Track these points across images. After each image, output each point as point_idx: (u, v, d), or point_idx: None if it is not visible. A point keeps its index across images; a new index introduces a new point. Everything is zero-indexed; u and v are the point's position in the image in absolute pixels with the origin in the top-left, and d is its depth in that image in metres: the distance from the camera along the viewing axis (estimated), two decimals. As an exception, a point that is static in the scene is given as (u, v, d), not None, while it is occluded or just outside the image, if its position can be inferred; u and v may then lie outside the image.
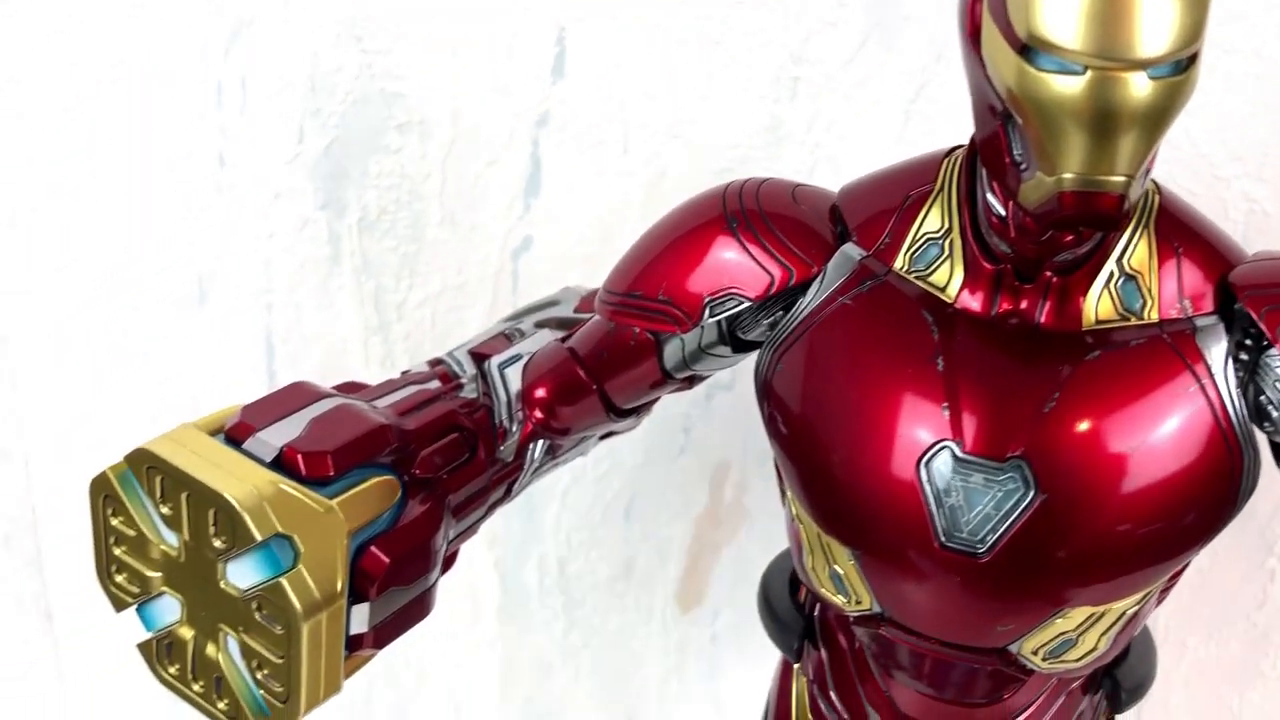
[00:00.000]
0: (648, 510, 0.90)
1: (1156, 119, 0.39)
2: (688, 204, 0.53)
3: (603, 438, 0.62)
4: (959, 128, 0.52)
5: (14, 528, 0.93)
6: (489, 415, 0.55)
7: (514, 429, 0.56)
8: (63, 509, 0.92)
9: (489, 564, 0.92)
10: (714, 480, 0.89)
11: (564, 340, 0.57)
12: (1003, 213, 0.44)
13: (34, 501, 0.92)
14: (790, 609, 0.56)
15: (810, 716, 0.55)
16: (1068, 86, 0.39)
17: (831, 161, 0.78)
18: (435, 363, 0.58)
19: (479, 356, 0.58)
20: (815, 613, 0.55)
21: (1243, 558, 0.90)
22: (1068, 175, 0.40)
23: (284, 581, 0.43)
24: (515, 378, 0.57)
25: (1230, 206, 0.78)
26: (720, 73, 0.76)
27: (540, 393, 0.55)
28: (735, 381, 0.86)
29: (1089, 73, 0.39)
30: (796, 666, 0.56)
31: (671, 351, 0.54)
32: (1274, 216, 0.79)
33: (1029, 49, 0.39)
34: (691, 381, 0.57)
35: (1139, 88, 0.39)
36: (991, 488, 0.44)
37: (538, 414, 0.55)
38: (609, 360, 0.54)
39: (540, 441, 0.57)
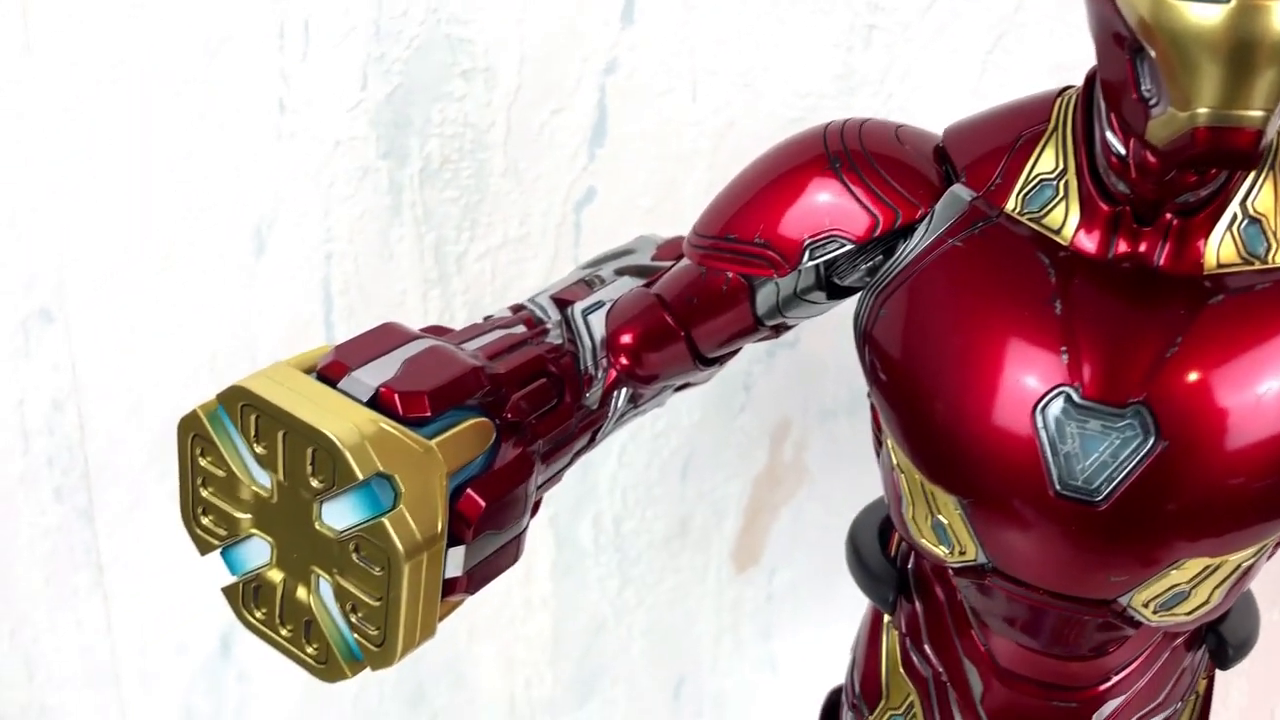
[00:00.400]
0: (705, 468, 0.89)
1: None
2: (785, 144, 0.51)
3: (678, 389, 0.61)
4: (1036, 80, 0.51)
5: (66, 479, 0.92)
6: (574, 361, 0.54)
7: (599, 375, 0.54)
8: (116, 462, 0.91)
9: (543, 521, 0.91)
10: (774, 438, 0.88)
11: (648, 286, 0.56)
12: (1123, 152, 0.43)
13: (87, 452, 0.91)
14: (882, 561, 0.55)
15: (902, 671, 0.54)
16: (1208, 15, 0.37)
17: (905, 112, 0.76)
18: (518, 308, 0.57)
19: (562, 302, 0.57)
20: (909, 565, 0.54)
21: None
22: (1202, 110, 0.38)
23: (386, 521, 0.42)
24: (599, 324, 0.56)
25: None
26: (793, 20, 0.75)
27: (626, 339, 0.54)
28: (799, 339, 0.85)
29: (1233, 1, 0.37)
30: (886, 621, 0.55)
31: (765, 297, 0.52)
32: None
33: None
34: (779, 330, 0.56)
35: (1282, 18, 0.37)
36: (1109, 435, 0.43)
37: (623, 360, 0.54)
38: (698, 306, 0.53)
39: (624, 389, 0.55)
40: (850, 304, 0.52)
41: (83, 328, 0.87)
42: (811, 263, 0.49)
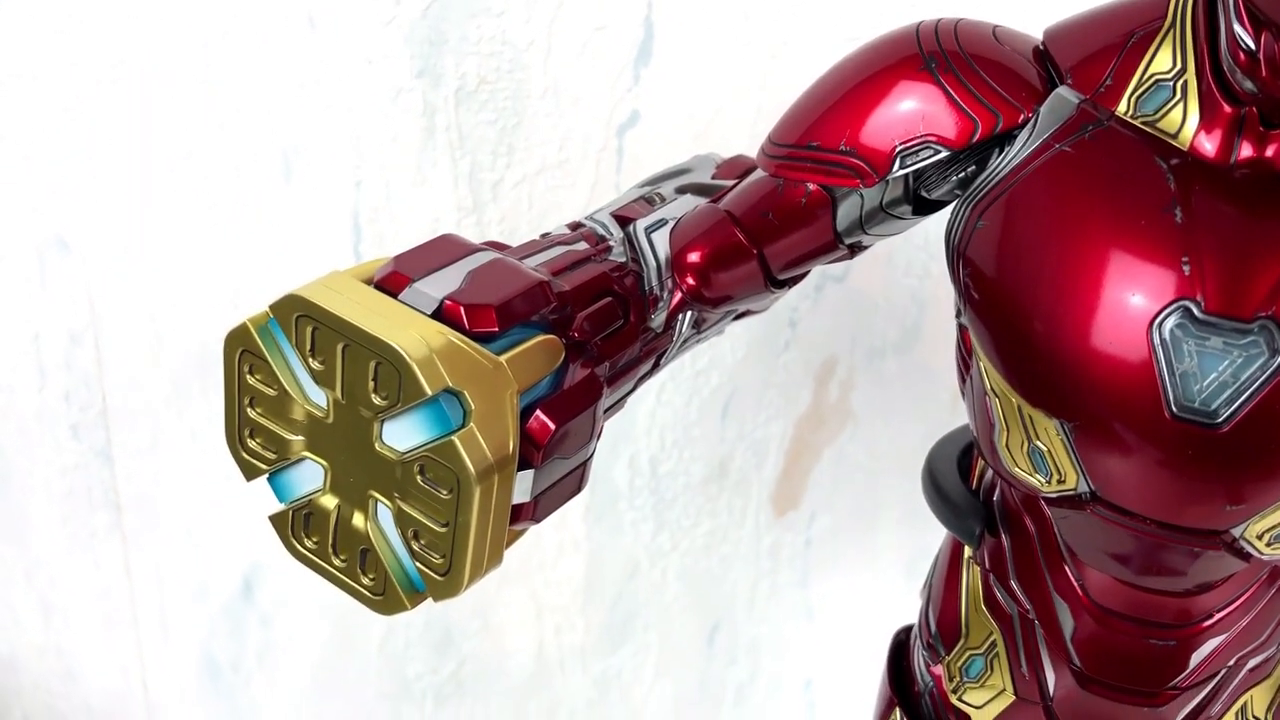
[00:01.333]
0: (746, 408, 0.86)
1: None
2: (874, 44, 0.48)
3: (737, 317, 0.58)
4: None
5: (84, 416, 0.89)
6: (639, 281, 0.51)
7: (665, 296, 0.51)
8: (135, 398, 0.88)
9: (578, 462, 0.88)
10: (819, 378, 0.85)
11: (715, 202, 0.52)
12: (1253, 46, 0.39)
13: (105, 388, 0.88)
14: (964, 492, 0.52)
15: (985, 609, 0.51)
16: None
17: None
18: (576, 225, 0.53)
19: (623, 220, 0.53)
20: (995, 497, 0.51)
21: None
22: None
23: (456, 440, 0.39)
24: (663, 243, 0.52)
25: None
26: (852, -67, 0.71)
27: (694, 257, 0.51)
28: (848, 273, 0.81)
29: None
30: (966, 556, 0.53)
31: (847, 210, 0.49)
32: None
33: None
34: (854, 250, 0.52)
35: None
36: (1230, 352, 0.40)
37: (690, 280, 0.51)
38: (774, 221, 0.50)
39: (689, 312, 0.52)
40: (909, 235, 0.49)
41: (100, 258, 0.83)
42: (902, 171, 0.46)
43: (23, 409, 0.89)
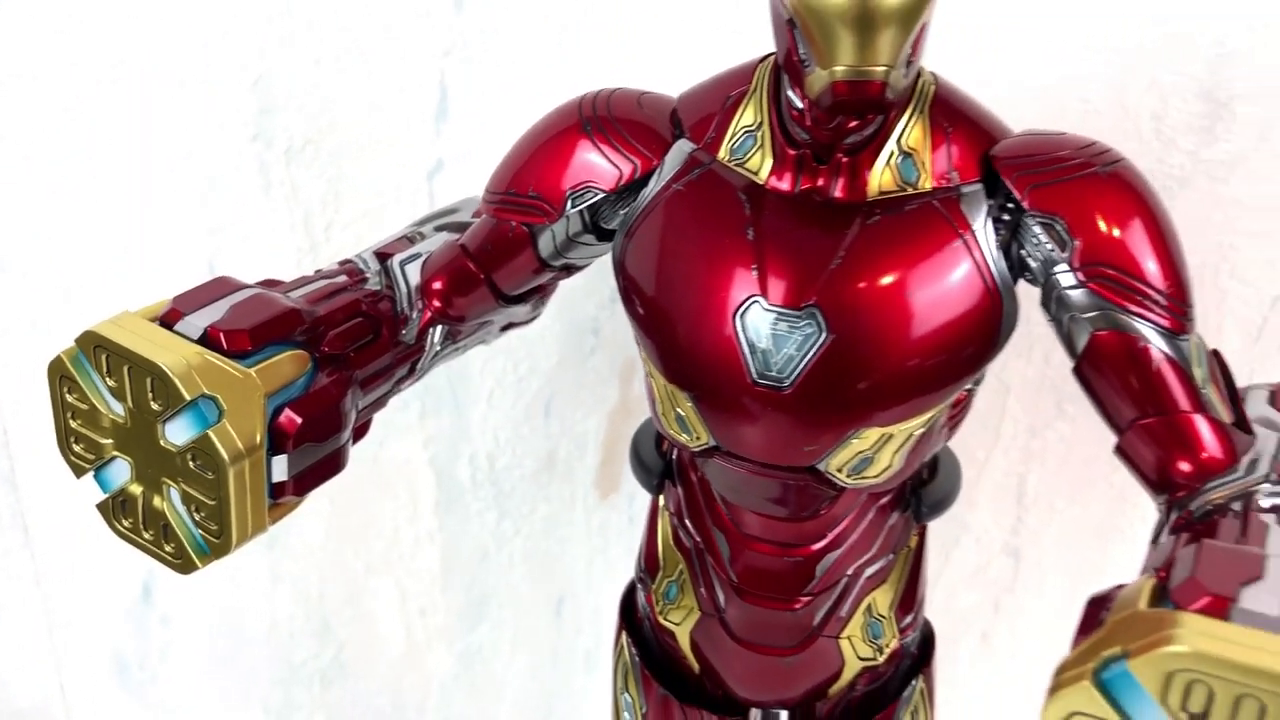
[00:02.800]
0: (565, 407, 1.00)
1: (906, 18, 0.48)
2: (550, 114, 0.61)
3: (504, 329, 0.71)
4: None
5: (-12, 449, 1.01)
6: (392, 304, 0.64)
7: (414, 316, 0.64)
8: (34, 430, 1.00)
9: (424, 462, 1.01)
10: (623, 376, 0.99)
11: (458, 239, 0.66)
12: (800, 106, 0.53)
13: (6, 424, 1.00)
14: (654, 456, 0.66)
15: (673, 545, 0.65)
16: (832, -4, 0.48)
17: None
18: (345, 262, 0.66)
19: (383, 255, 0.66)
20: (673, 456, 0.65)
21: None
22: (839, 68, 0.49)
23: (211, 433, 0.52)
24: (415, 273, 0.65)
25: (1065, 105, 0.88)
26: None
27: (437, 285, 0.64)
28: (636, 285, 0.95)
29: (849, -16, 0.48)
30: (661, 505, 0.66)
31: (545, 242, 0.62)
32: (1106, 115, 0.89)
33: (802, -34, 0.48)
34: (569, 270, 0.66)
35: (892, -6, 0.48)
36: (793, 333, 0.53)
37: (436, 303, 0.64)
38: (493, 252, 0.63)
39: (440, 327, 0.65)
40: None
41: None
42: (574, 209, 0.59)
43: (-66, 445, 1.01)
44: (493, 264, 0.63)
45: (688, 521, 0.63)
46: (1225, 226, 0.92)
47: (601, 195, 0.59)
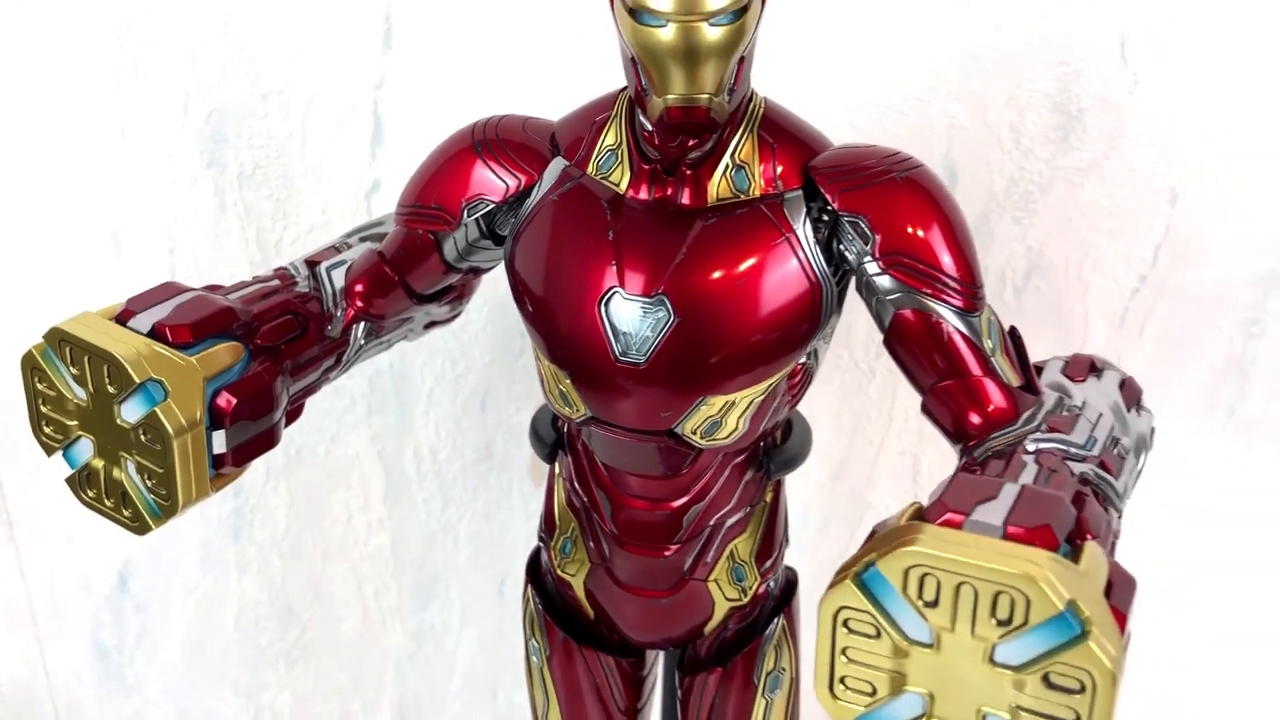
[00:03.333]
0: (499, 402, 1.10)
1: (723, 52, 0.59)
2: (448, 138, 0.71)
3: (428, 327, 0.82)
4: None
5: (-25, 452, 1.11)
6: (319, 304, 0.74)
7: (339, 314, 0.75)
8: (15, 432, 1.10)
9: (373, 456, 1.12)
10: (551, 373, 1.09)
11: (377, 247, 0.76)
12: (649, 128, 0.64)
13: (-10, 428, 1.10)
14: (549, 430, 0.76)
15: (566, 507, 0.75)
16: (662, 34, 0.58)
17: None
18: (279, 269, 0.77)
19: (312, 263, 0.76)
20: (564, 430, 0.75)
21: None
22: (670, 96, 0.59)
23: (158, 410, 0.62)
24: (340, 277, 0.75)
25: (932, 121, 0.98)
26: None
27: (358, 287, 0.74)
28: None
29: (673, 25, 0.58)
30: (557, 474, 0.76)
31: (449, 247, 0.72)
32: (970, 130, 0.99)
33: (635, 11, 0.59)
34: (476, 271, 0.76)
35: (708, 33, 0.58)
36: (647, 317, 0.63)
37: (358, 303, 0.74)
38: (405, 257, 0.73)
39: (362, 324, 0.76)
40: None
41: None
42: (471, 218, 0.70)
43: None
44: (405, 268, 0.73)
45: (576, 485, 0.73)
46: (1084, 226, 1.02)
47: (492, 205, 0.69)
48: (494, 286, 0.96)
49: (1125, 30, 0.95)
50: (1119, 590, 0.49)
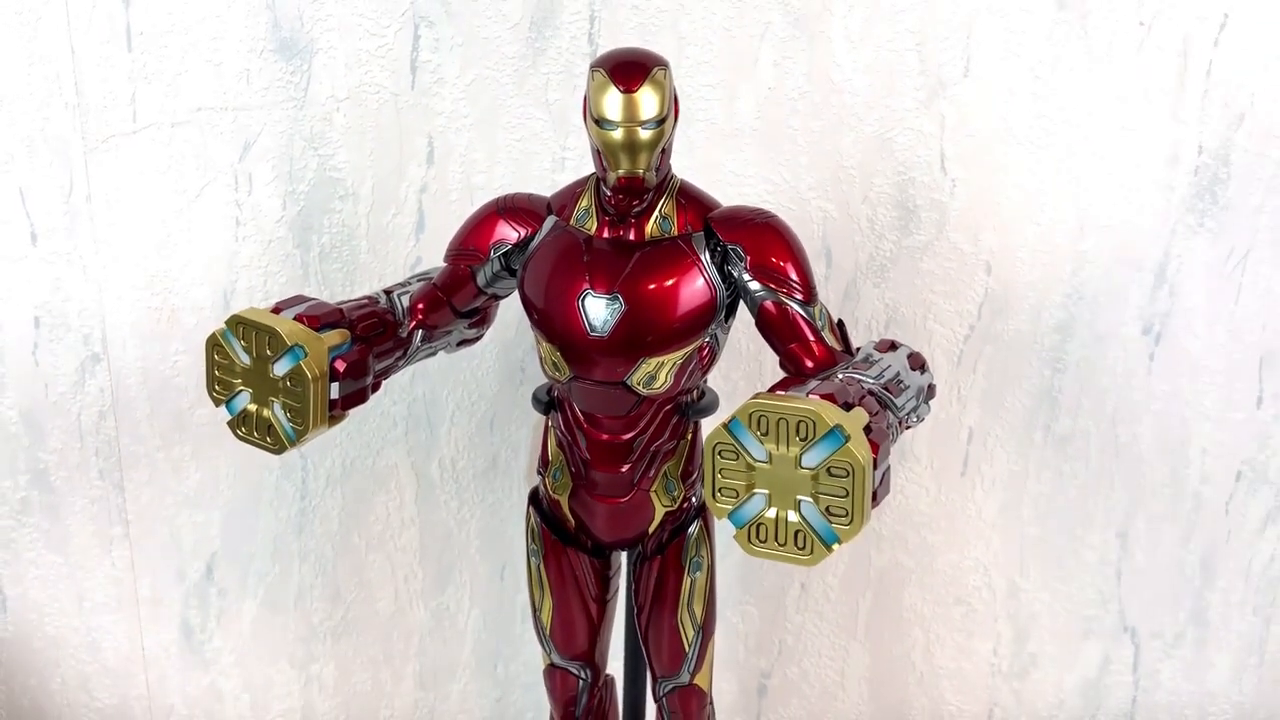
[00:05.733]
0: (504, 422, 1.47)
1: (651, 145, 0.99)
2: (479, 207, 1.11)
3: (460, 345, 1.20)
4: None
5: (106, 464, 1.46)
6: (393, 315, 1.12)
7: (406, 322, 1.13)
8: (136, 449, 1.46)
9: (408, 466, 1.47)
10: (542, 400, 1.46)
11: (431, 281, 1.15)
12: (609, 193, 1.03)
13: (121, 447, 1.46)
14: (545, 396, 1.13)
15: (556, 446, 1.11)
16: (614, 134, 0.99)
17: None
18: (367, 295, 1.15)
19: (388, 291, 1.15)
20: (554, 395, 1.12)
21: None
22: (620, 171, 0.99)
23: (302, 364, 0.99)
24: (405, 300, 1.14)
25: (812, 214, 1.39)
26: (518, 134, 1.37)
27: (420, 305, 1.12)
28: (548, 337, 1.43)
29: (620, 129, 0.98)
30: (550, 425, 1.13)
31: (480, 277, 1.11)
32: (839, 221, 1.40)
33: (599, 120, 0.99)
34: (496, 297, 1.15)
35: (641, 133, 0.98)
36: (608, 308, 1.02)
37: (419, 315, 1.12)
38: (450, 284, 1.12)
39: (420, 331, 1.13)
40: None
41: (117, 349, 1.43)
42: (495, 255, 1.08)
43: (68, 462, 1.47)
44: (450, 291, 1.12)
45: (562, 428, 1.10)
46: (925, 289, 1.42)
47: (510, 246, 1.08)
48: (500, 333, 1.35)
49: (944, 150, 1.38)
50: (875, 433, 0.87)
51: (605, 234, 1.04)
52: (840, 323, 1.05)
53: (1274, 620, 1.54)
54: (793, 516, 0.85)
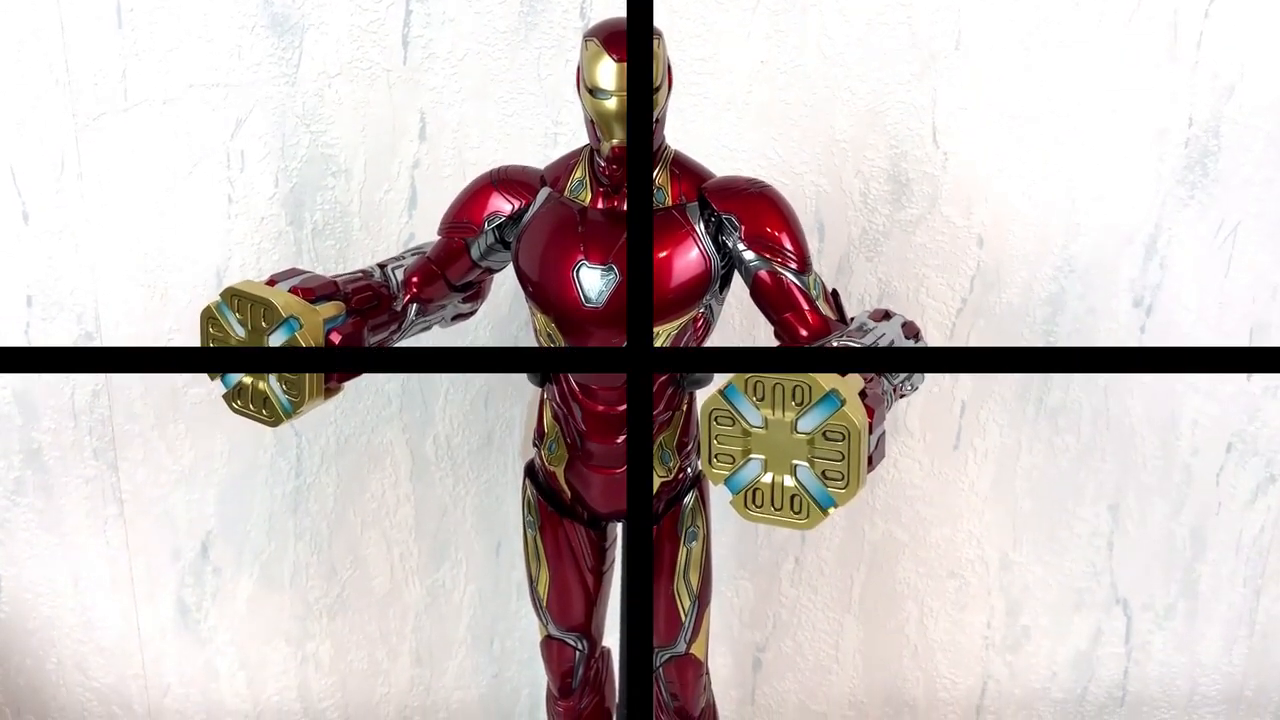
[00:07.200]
0: (498, 400, 1.47)
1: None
2: (473, 180, 1.11)
3: (454, 319, 1.20)
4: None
5: (100, 444, 1.46)
6: (387, 289, 1.12)
7: (400, 295, 1.13)
8: (131, 434, 1.46)
9: (402, 444, 1.48)
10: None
11: (425, 255, 1.15)
12: (602, 163, 1.03)
13: (115, 425, 1.46)
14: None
15: (552, 418, 1.12)
16: (608, 103, 0.99)
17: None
18: (361, 269, 1.15)
19: (381, 265, 1.15)
20: (549, 366, 1.12)
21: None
22: (614, 141, 0.99)
23: (298, 334, 0.99)
24: (399, 274, 1.14)
25: (805, 188, 1.40)
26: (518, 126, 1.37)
27: (414, 279, 1.12)
28: (542, 313, 1.44)
29: (614, 98, 0.98)
30: (545, 398, 1.13)
31: (474, 250, 1.11)
32: (832, 195, 1.41)
33: (592, 90, 0.99)
34: (490, 271, 1.15)
35: (636, 104, 0.99)
36: (603, 278, 1.02)
37: (413, 289, 1.12)
38: (445, 257, 1.12)
39: (414, 305, 1.14)
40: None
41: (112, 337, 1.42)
42: (489, 228, 1.09)
43: (62, 443, 1.46)
44: (445, 265, 1.12)
45: (558, 401, 1.10)
46: (917, 263, 1.43)
47: (503, 219, 1.08)
48: (492, 311, 1.35)
49: (936, 123, 1.38)
50: (871, 398, 0.87)
51: (600, 205, 1.05)
52: (834, 292, 1.06)
53: (1264, 591, 1.55)
54: (789, 481, 0.86)
